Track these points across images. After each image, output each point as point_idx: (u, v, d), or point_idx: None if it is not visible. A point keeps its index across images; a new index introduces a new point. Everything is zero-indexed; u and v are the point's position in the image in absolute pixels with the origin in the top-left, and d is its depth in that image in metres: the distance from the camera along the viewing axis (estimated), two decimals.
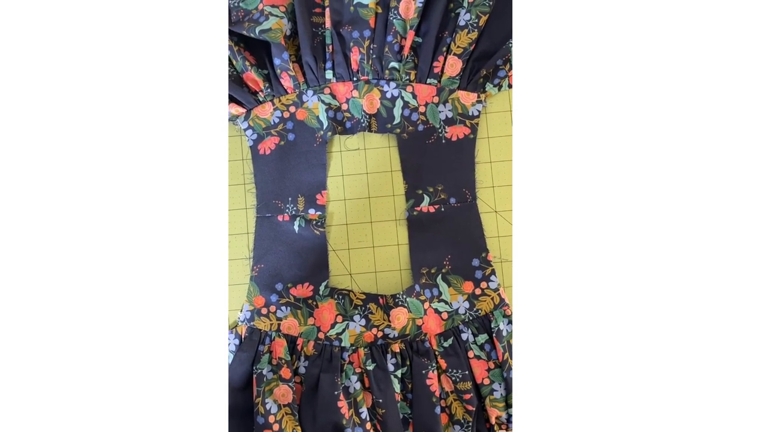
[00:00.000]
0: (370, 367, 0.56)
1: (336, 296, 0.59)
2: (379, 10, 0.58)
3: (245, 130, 0.60)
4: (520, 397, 0.40)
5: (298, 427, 0.55)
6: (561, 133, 0.40)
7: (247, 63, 0.58)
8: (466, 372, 0.56)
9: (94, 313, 0.39)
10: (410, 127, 0.60)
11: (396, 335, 0.58)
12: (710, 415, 0.38)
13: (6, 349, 0.39)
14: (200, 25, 0.42)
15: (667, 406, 0.38)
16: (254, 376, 0.56)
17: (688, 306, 0.38)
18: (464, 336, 0.58)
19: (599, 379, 0.39)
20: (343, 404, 0.55)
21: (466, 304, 0.58)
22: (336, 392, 0.55)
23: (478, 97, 0.60)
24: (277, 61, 0.58)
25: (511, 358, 0.56)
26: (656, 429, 0.38)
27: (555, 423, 0.39)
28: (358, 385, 0.56)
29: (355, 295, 0.59)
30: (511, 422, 0.57)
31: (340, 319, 0.58)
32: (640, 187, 0.39)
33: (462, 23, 0.58)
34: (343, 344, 0.58)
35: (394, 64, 0.59)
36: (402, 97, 0.60)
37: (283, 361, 0.56)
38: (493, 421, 0.56)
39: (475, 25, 0.58)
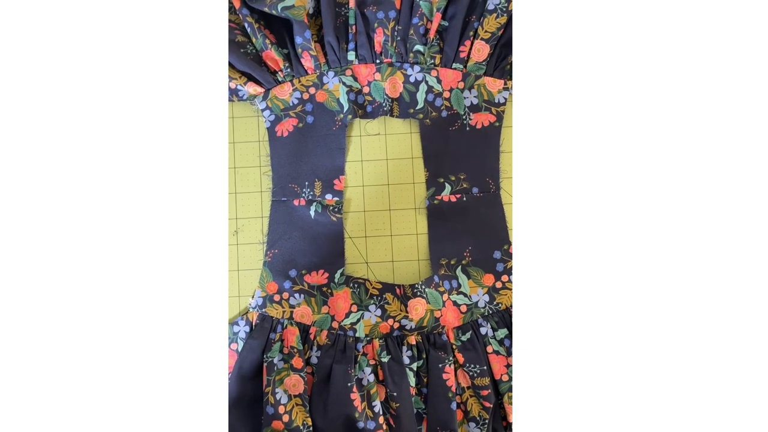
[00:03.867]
0: (385, 359, 0.54)
1: (351, 285, 0.57)
2: None
3: (263, 110, 0.58)
4: (520, 401, 0.40)
5: (308, 419, 0.53)
6: (563, 132, 0.40)
7: (267, 41, 0.56)
8: (485, 367, 0.54)
9: (91, 306, 0.38)
10: (433, 113, 0.58)
11: (413, 327, 0.56)
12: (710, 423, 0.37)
13: (9, 347, 0.38)
14: (199, 9, 0.41)
15: (667, 410, 0.38)
16: (264, 364, 0.54)
17: (690, 307, 0.38)
18: (483, 330, 0.56)
19: (600, 381, 0.38)
20: (355, 396, 0.53)
21: (486, 298, 0.56)
22: (349, 384, 0.53)
23: (505, 84, 0.58)
24: (298, 40, 0.56)
25: None
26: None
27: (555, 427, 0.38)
28: (371, 378, 0.54)
29: (372, 284, 0.57)
30: None
31: (355, 308, 0.56)
32: (645, 190, 0.39)
33: (491, 7, 0.56)
34: (357, 334, 0.56)
35: (418, 47, 0.57)
36: (426, 82, 0.58)
37: (295, 350, 0.54)
38: (510, 419, 0.54)
39: (504, 9, 0.56)
